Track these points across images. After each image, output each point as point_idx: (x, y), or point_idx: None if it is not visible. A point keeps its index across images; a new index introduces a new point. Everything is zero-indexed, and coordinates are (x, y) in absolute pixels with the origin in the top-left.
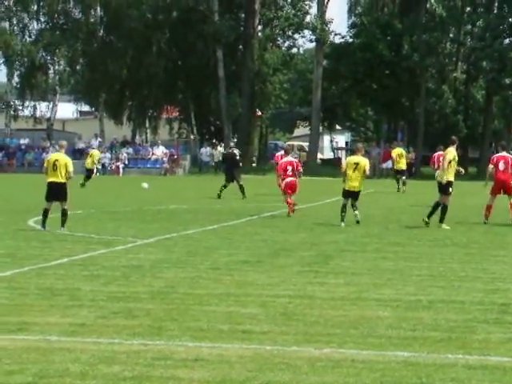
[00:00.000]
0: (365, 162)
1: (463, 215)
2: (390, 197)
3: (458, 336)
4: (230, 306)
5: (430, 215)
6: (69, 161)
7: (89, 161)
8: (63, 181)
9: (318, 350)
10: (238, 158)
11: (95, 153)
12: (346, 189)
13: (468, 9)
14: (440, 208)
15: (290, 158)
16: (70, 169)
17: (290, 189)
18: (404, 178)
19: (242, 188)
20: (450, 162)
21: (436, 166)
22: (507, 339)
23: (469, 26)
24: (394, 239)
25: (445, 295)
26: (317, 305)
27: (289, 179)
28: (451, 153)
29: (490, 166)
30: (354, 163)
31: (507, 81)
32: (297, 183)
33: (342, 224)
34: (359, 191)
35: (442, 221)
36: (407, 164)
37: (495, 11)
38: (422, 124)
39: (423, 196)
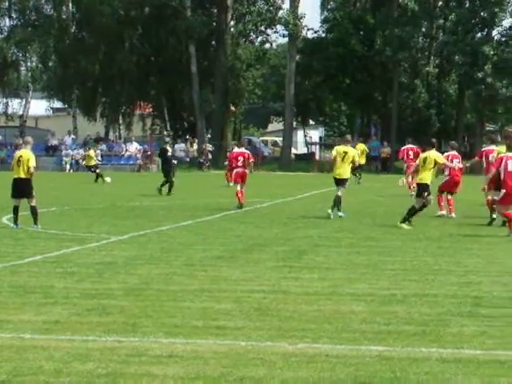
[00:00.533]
0: (353, 152)
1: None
2: (362, 191)
3: (431, 329)
4: (204, 302)
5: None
6: (31, 156)
7: (87, 160)
8: (26, 177)
9: (293, 345)
10: (169, 154)
11: (91, 153)
12: (334, 176)
13: (440, 3)
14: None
15: (242, 149)
16: (31, 164)
17: (240, 178)
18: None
19: (170, 184)
20: (425, 165)
21: (405, 160)
22: (480, 332)
23: (441, 21)
24: (368, 234)
25: (418, 289)
26: (291, 300)
27: (239, 169)
28: (430, 157)
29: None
30: (344, 152)
31: (479, 75)
32: (247, 174)
33: (329, 210)
34: (346, 178)
35: (404, 221)
36: (384, 159)
37: (467, 5)
38: (395, 118)
39: (396, 189)
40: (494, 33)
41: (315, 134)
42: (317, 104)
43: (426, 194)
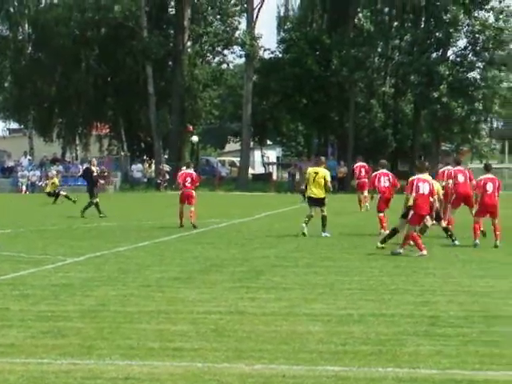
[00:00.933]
0: (324, 173)
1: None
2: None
3: (388, 349)
4: (160, 324)
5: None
6: None
7: (51, 186)
8: None
9: (249, 366)
10: (94, 174)
11: (56, 181)
12: (309, 195)
13: (395, 24)
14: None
15: (189, 170)
16: None
17: (187, 199)
18: None
19: (90, 205)
20: None
21: (357, 176)
22: (436, 351)
23: (396, 41)
24: (325, 253)
25: (375, 309)
26: (248, 320)
27: (186, 190)
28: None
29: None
30: (314, 172)
31: (435, 94)
32: (194, 194)
33: (303, 225)
34: (323, 198)
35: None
36: (340, 178)
37: (422, 26)
38: (352, 138)
39: (353, 208)
40: (449, 53)
41: (272, 154)
42: (274, 124)
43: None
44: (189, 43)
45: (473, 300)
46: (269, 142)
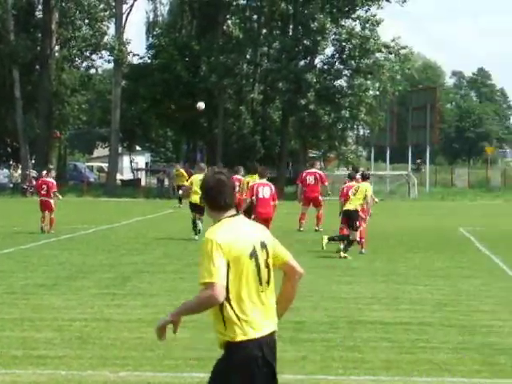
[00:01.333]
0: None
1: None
2: (186, 217)
3: None
4: (24, 331)
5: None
6: None
7: None
8: None
9: (114, 373)
10: None
11: None
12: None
13: (264, 31)
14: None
15: (47, 178)
16: None
17: (45, 207)
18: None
19: None
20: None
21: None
22: (301, 357)
23: (265, 48)
24: (193, 260)
25: None
26: (113, 327)
27: (42, 198)
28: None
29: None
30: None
31: (302, 102)
32: (51, 202)
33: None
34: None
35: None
36: None
37: (290, 34)
38: (221, 144)
39: None
40: (317, 61)
41: (141, 160)
42: (143, 129)
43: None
44: (56, 47)
45: (337, 306)
46: (138, 148)
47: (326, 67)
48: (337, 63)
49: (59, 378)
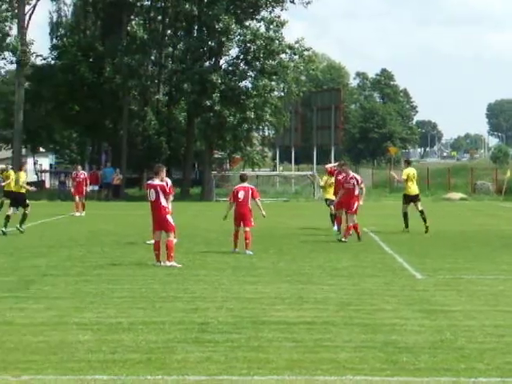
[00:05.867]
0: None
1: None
2: (92, 219)
3: (157, 357)
4: None
5: None
6: None
7: None
8: None
9: (16, 377)
10: None
11: None
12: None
13: (169, 32)
14: None
15: None
16: None
17: None
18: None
19: None
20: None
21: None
22: (205, 358)
23: (170, 49)
24: (97, 262)
25: (146, 316)
26: (16, 331)
27: None
28: None
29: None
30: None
31: (208, 103)
32: None
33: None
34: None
35: None
36: (117, 186)
37: (195, 34)
38: (126, 145)
39: (128, 218)
40: (222, 62)
41: (46, 162)
42: (47, 131)
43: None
44: None
45: (242, 306)
46: (42, 150)
47: (230, 68)
48: (242, 64)
49: None
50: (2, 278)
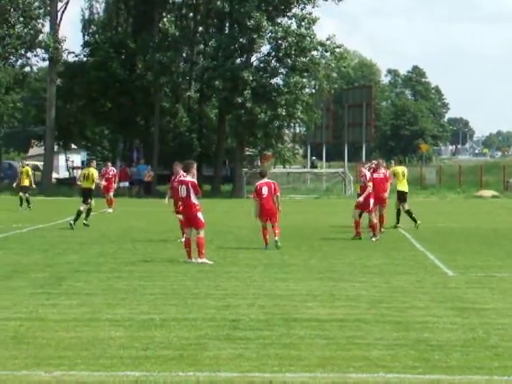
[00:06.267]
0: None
1: None
2: (124, 216)
3: (189, 353)
4: None
5: None
6: None
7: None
8: None
9: (48, 373)
10: None
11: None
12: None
13: (200, 29)
14: None
15: None
16: None
17: None
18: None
19: None
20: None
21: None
22: (237, 355)
23: (201, 46)
24: (129, 258)
25: (178, 313)
26: (48, 327)
27: None
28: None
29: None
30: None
31: (239, 100)
32: None
33: None
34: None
35: None
36: (148, 182)
37: (226, 31)
38: (157, 142)
39: (160, 214)
40: (253, 59)
41: (77, 158)
42: (79, 128)
43: None
44: None
45: (273, 303)
46: (73, 146)
47: (262, 65)
48: (273, 61)
49: None
50: (35, 275)
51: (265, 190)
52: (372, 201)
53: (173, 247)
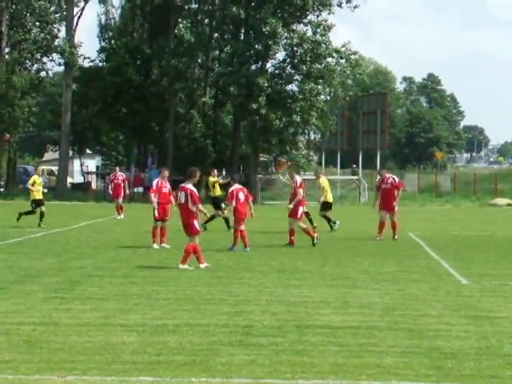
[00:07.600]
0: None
1: (205, 237)
2: (138, 221)
3: (202, 359)
4: None
5: None
6: None
7: None
8: None
9: (61, 377)
10: None
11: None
12: None
13: (216, 35)
14: None
15: None
16: None
17: None
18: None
19: None
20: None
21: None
22: (250, 361)
23: (217, 52)
24: (142, 263)
25: (191, 318)
26: (62, 331)
27: None
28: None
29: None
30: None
31: (254, 106)
32: None
33: None
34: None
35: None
36: None
37: (242, 38)
38: (172, 148)
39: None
40: (268, 65)
41: (92, 163)
42: (94, 133)
43: None
44: (6, 49)
45: (286, 310)
46: (88, 151)
47: (277, 72)
48: (288, 68)
49: (6, 383)
50: (48, 279)
51: (241, 196)
52: (301, 209)
53: (178, 256)
